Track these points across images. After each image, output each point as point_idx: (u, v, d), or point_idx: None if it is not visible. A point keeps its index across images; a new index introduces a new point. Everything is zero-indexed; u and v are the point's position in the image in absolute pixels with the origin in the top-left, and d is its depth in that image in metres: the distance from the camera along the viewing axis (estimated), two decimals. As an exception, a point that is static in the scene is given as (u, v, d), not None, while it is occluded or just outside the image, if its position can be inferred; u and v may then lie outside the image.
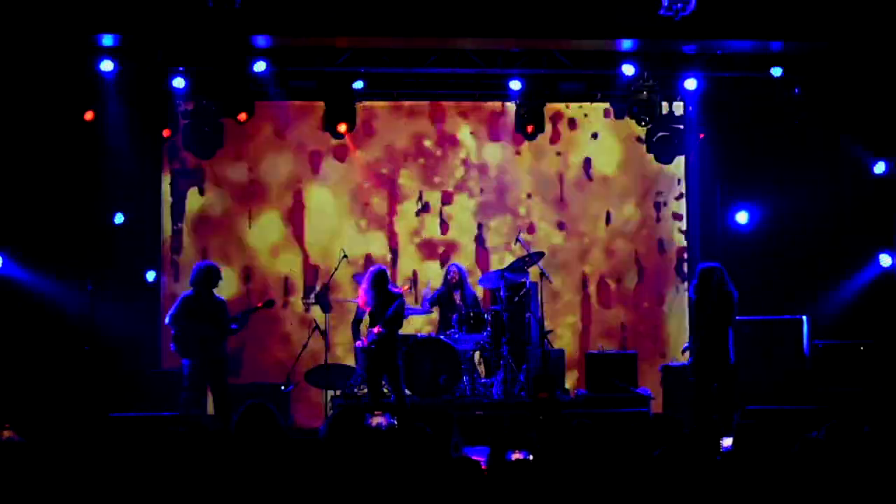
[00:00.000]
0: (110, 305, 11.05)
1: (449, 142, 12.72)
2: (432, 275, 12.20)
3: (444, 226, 12.70)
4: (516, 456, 5.11)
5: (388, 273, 10.09)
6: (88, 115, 11.01)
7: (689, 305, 9.59)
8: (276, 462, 4.89)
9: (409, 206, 12.67)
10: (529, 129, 11.77)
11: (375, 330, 9.76)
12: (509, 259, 12.02)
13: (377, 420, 8.62)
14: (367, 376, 10.08)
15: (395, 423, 8.28)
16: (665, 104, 11.82)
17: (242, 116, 11.27)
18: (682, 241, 12.78)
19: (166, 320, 9.62)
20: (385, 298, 9.80)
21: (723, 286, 9.33)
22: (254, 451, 4.96)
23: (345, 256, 11.49)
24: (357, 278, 11.07)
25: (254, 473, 4.84)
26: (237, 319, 9.68)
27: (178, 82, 11.01)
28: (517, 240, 11.92)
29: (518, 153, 12.71)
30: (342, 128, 11.60)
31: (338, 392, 10.96)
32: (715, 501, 5.01)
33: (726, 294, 9.32)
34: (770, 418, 9.78)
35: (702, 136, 11.90)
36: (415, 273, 12.55)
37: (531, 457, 5.15)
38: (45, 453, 5.20)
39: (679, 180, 12.77)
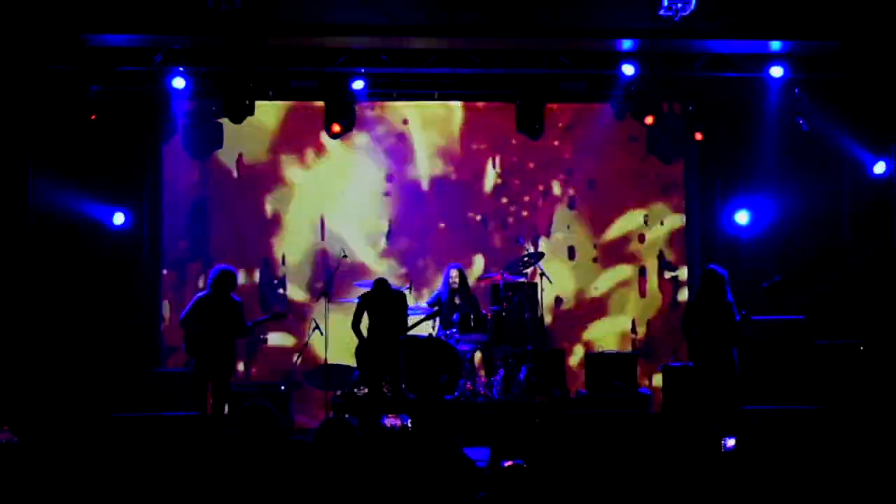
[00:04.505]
0: (110, 304, 11.06)
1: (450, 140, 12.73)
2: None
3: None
4: (510, 464, 5.11)
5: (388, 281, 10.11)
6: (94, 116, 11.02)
7: (689, 306, 9.53)
8: (273, 463, 4.89)
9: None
10: (533, 129, 11.76)
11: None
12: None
13: (392, 421, 8.68)
14: (368, 376, 10.07)
15: (409, 424, 8.32)
16: (665, 104, 11.81)
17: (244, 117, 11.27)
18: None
19: (180, 321, 9.77)
20: (389, 301, 9.80)
21: (722, 286, 9.32)
22: (251, 452, 4.96)
23: (345, 256, 11.50)
24: (358, 284, 11.12)
25: (251, 474, 4.84)
26: (247, 327, 9.77)
27: (178, 82, 11.00)
28: (517, 240, 11.92)
29: (517, 153, 12.70)
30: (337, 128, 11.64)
31: (338, 392, 10.96)
32: (718, 501, 5.01)
33: (726, 293, 9.31)
34: (770, 418, 9.80)
35: (699, 135, 11.89)
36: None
37: (525, 465, 5.15)
38: (44, 453, 5.20)
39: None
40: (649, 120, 11.64)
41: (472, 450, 7.91)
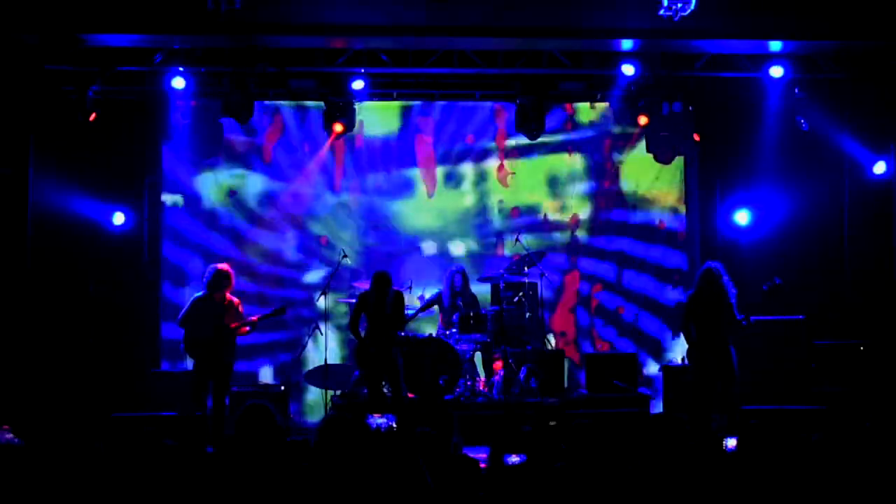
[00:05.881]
0: (110, 306, 11.06)
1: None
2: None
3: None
4: (513, 459, 5.11)
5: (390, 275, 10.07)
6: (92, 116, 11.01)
7: (687, 305, 9.50)
8: (273, 463, 4.89)
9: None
10: (533, 130, 11.75)
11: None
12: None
13: (377, 421, 8.66)
14: (366, 376, 10.07)
15: (395, 425, 8.29)
16: (665, 104, 11.81)
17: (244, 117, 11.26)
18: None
19: (178, 321, 9.77)
20: (387, 299, 9.79)
21: (720, 284, 9.30)
22: (251, 452, 4.95)
23: (345, 256, 11.50)
24: (354, 283, 11.12)
25: (251, 474, 4.84)
26: (248, 323, 9.76)
27: (178, 82, 10.98)
28: (517, 240, 11.92)
29: (516, 152, 12.71)
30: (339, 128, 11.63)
31: (338, 392, 10.97)
32: (719, 501, 5.01)
33: (724, 292, 9.29)
34: (770, 418, 9.78)
35: (696, 137, 11.89)
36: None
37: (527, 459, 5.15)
38: (44, 454, 5.19)
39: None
40: (643, 121, 11.64)
41: (473, 449, 7.93)
